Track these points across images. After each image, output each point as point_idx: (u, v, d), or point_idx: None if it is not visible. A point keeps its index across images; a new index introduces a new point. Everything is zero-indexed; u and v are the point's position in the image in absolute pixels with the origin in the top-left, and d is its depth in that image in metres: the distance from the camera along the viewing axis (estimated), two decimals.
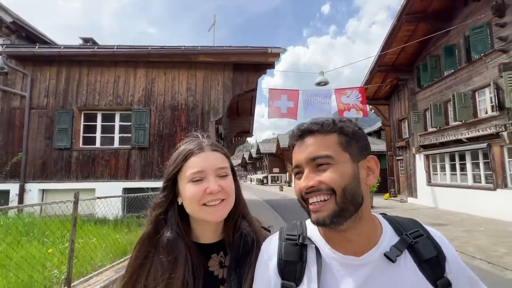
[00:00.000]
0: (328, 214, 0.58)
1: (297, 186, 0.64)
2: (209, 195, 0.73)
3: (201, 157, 0.76)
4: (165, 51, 8.00)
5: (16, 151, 7.81)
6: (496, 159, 9.27)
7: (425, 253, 0.61)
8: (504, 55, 8.79)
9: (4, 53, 7.62)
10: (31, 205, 3.38)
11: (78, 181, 7.87)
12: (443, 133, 11.70)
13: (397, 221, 0.69)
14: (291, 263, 0.65)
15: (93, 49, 7.93)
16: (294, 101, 12.27)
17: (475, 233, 7.48)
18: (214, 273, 0.77)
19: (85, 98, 8.16)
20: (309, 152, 0.62)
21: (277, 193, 28.61)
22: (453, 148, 11.18)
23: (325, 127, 0.63)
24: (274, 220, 10.40)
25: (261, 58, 8.14)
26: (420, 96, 13.60)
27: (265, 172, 54.33)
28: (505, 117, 8.75)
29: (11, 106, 8.01)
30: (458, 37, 10.85)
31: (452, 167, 11.69)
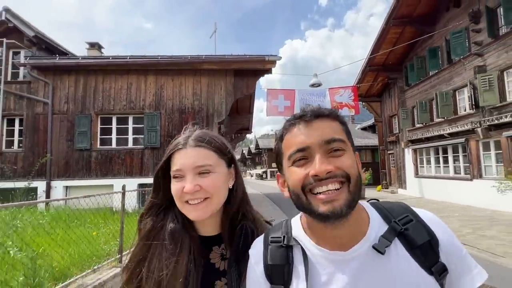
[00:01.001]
0: (344, 203, 0.54)
1: (303, 173, 0.56)
2: (187, 194, 0.71)
3: (181, 154, 0.74)
4: (173, 60, 8.88)
5: (41, 152, 8.73)
6: (472, 152, 10.27)
7: (416, 239, 0.57)
8: (479, 58, 9.71)
9: (28, 64, 8.48)
10: (81, 197, 4.29)
11: (98, 178, 8.82)
12: (428, 128, 12.67)
13: (385, 207, 0.65)
14: (278, 266, 0.62)
15: (108, 60, 8.81)
16: (291, 100, 13.20)
17: (450, 218, 8.51)
18: (216, 265, 0.77)
19: (101, 103, 9.06)
20: (324, 133, 0.57)
21: (276, 187, 29.55)
22: (437, 142, 12.17)
23: (333, 113, 0.61)
24: (274, 211, 11.37)
25: (259, 65, 9.04)
26: (408, 94, 14.54)
27: (264, 167, 55.33)
28: (480, 115, 9.71)
29: (35, 112, 8.90)
30: (440, 40, 11.74)
31: (436, 160, 12.70)
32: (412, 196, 13.97)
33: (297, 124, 0.60)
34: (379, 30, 13.08)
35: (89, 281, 3.06)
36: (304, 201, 0.57)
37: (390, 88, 16.47)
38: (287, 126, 0.63)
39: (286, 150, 0.61)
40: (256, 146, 59.09)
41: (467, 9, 10.09)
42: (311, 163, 0.56)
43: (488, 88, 9.10)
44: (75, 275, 3.06)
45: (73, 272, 3.13)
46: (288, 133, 0.61)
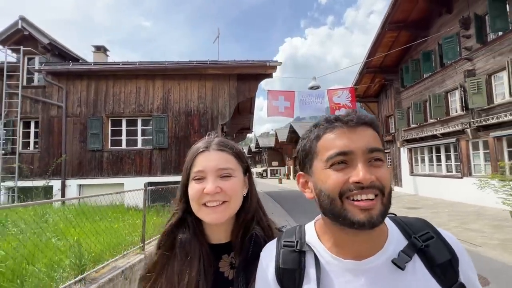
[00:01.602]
0: (379, 213, 0.53)
1: (342, 178, 0.55)
2: (206, 196, 0.72)
3: (204, 156, 0.75)
4: (179, 65, 9.41)
5: (56, 153, 9.28)
6: (463, 151, 10.84)
7: (437, 257, 0.56)
8: (469, 62, 10.25)
9: (44, 70, 9.01)
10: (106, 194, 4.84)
11: (109, 177, 9.38)
12: (423, 129, 13.23)
13: (404, 222, 0.64)
14: (290, 270, 0.62)
15: (118, 65, 9.33)
16: (291, 101, 13.71)
17: (440, 213, 9.09)
18: (225, 274, 0.77)
19: (112, 106, 9.60)
20: (369, 141, 0.56)
21: (276, 185, 30.28)
22: (430, 142, 12.73)
23: (375, 123, 0.60)
24: (274, 208, 11.94)
25: (261, 70, 9.58)
26: (404, 95, 15.08)
27: (264, 165, 55.93)
28: (470, 116, 10.26)
29: (50, 115, 9.45)
30: (434, 44, 12.27)
31: (430, 159, 13.27)
32: (407, 193, 14.55)
33: (340, 127, 0.58)
34: (375, 34, 13.61)
35: (120, 264, 3.63)
36: (338, 207, 0.55)
37: (386, 89, 17.01)
38: (327, 126, 0.60)
39: (323, 150, 0.58)
40: (256, 145, 59.67)
41: (458, 15, 10.61)
42: (351, 169, 0.55)
43: (476, 91, 9.64)
44: (109, 259, 3.62)
45: (106, 257, 3.69)
46: (327, 133, 0.59)
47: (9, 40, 9.37)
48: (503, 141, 9.14)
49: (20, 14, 9.20)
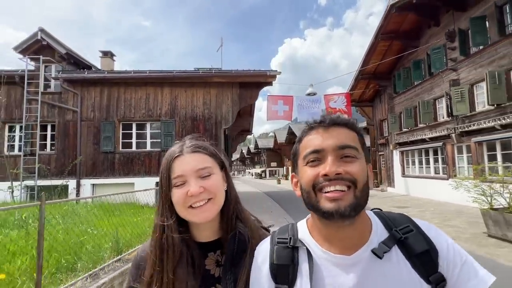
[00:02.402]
0: (348, 203, 0.57)
1: (314, 172, 0.61)
2: (192, 198, 0.73)
3: (180, 160, 0.76)
4: (186, 74, 10.18)
5: (71, 154, 10.02)
6: (449, 155, 11.66)
7: (415, 248, 0.60)
8: (454, 72, 11.07)
9: (61, 77, 9.75)
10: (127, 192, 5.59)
11: (120, 177, 10.12)
12: (413, 133, 14.05)
13: (388, 217, 0.68)
14: (283, 266, 0.65)
15: (130, 74, 10.09)
16: (289, 105, 14.50)
17: (425, 212, 9.90)
18: (211, 271, 0.79)
19: (123, 111, 10.35)
20: (339, 139, 0.61)
21: (275, 186, 31.03)
22: (420, 145, 13.55)
23: (350, 123, 0.65)
24: (273, 207, 12.70)
25: (262, 79, 10.36)
26: (396, 100, 15.91)
27: (263, 166, 56.64)
28: (455, 122, 11.08)
29: (66, 119, 10.19)
30: (423, 54, 13.09)
31: (420, 161, 14.09)
32: (399, 194, 15.36)
33: (316, 128, 0.64)
34: (369, 43, 14.42)
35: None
36: (313, 199, 0.60)
37: (380, 95, 17.83)
38: (306, 130, 0.67)
39: (302, 150, 0.65)
40: (255, 146, 60.38)
41: (444, 28, 11.43)
42: (323, 165, 0.60)
43: (460, 99, 10.46)
44: (137, 245, 4.37)
45: (135, 243, 4.44)
46: (306, 135, 0.66)
47: (28, 50, 10.11)
48: (484, 146, 9.96)
49: (39, 26, 9.95)
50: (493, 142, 9.53)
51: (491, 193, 6.22)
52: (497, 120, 8.89)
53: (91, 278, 3.17)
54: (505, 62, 8.82)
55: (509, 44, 8.71)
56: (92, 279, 3.16)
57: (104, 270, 3.43)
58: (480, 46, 9.79)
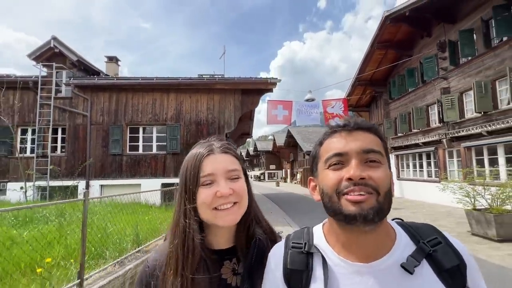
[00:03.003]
0: (371, 207, 0.55)
1: (337, 176, 0.59)
2: (220, 199, 0.71)
3: (210, 159, 0.74)
4: (191, 81, 10.73)
5: (81, 156, 10.51)
6: (440, 159, 12.23)
7: (445, 262, 0.57)
8: (445, 81, 11.69)
9: (72, 83, 10.28)
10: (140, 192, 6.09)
11: (128, 178, 10.61)
12: (407, 137, 14.64)
13: (411, 227, 0.66)
14: (297, 271, 0.63)
15: (138, 81, 10.63)
16: (289, 110, 15.02)
17: (417, 213, 10.44)
18: (227, 280, 0.75)
19: (130, 116, 10.87)
20: (364, 143, 0.60)
21: (273, 188, 31.52)
22: (414, 150, 14.13)
23: (374, 128, 0.64)
24: (273, 208, 13.20)
25: (263, 86, 10.93)
26: (391, 106, 16.52)
27: (262, 168, 57.13)
28: (446, 128, 11.67)
29: (76, 123, 10.70)
30: (416, 63, 13.72)
31: (414, 165, 14.67)
32: (395, 196, 15.90)
33: (339, 132, 0.63)
34: (365, 52, 15.05)
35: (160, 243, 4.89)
36: (335, 203, 0.58)
37: (377, 100, 18.45)
38: (328, 133, 0.65)
39: (324, 153, 0.64)
40: (254, 148, 60.90)
41: (436, 39, 12.07)
42: (347, 168, 0.58)
43: (450, 106, 11.06)
44: (152, 239, 4.87)
45: (150, 238, 4.94)
46: (328, 138, 0.64)
47: (41, 57, 10.64)
48: (472, 151, 10.54)
49: (52, 35, 10.47)
50: (481, 147, 10.11)
51: (474, 195, 6.77)
52: (483, 127, 9.48)
53: (118, 265, 3.68)
54: (491, 73, 9.43)
55: (494, 56, 9.33)
56: (119, 266, 3.67)
57: (128, 258, 3.94)
58: (469, 57, 10.41)
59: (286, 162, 43.92)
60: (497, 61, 9.19)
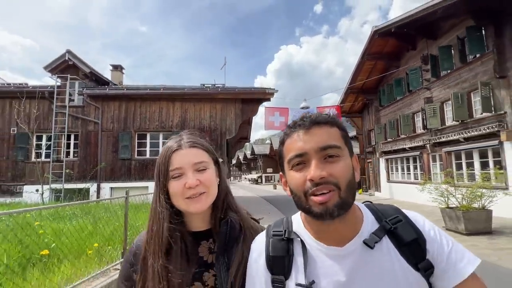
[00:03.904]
0: (335, 204, 0.59)
1: (302, 177, 0.62)
2: (189, 190, 0.77)
3: (178, 154, 0.80)
4: (195, 91, 11.63)
5: (92, 161, 11.31)
6: (425, 162, 13.25)
7: (404, 237, 0.62)
8: (428, 91, 12.74)
9: (85, 93, 11.12)
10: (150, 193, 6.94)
11: (136, 181, 11.42)
12: (396, 142, 15.66)
13: (378, 209, 0.70)
14: (279, 258, 0.68)
15: (146, 91, 11.51)
16: (285, 116, 15.98)
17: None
18: (204, 258, 0.82)
19: (139, 123, 11.72)
20: (321, 141, 0.62)
21: (271, 191, 32.36)
22: (402, 154, 15.15)
23: (330, 120, 0.65)
24: (270, 209, 14.03)
25: (261, 96, 11.87)
26: (382, 113, 17.58)
27: (259, 172, 57.89)
28: (429, 134, 12.71)
29: (88, 129, 11.52)
30: (403, 74, 14.80)
31: (402, 168, 15.68)
32: (385, 198, 16.89)
33: (297, 130, 0.65)
34: (356, 63, 16.12)
35: None
36: (304, 203, 0.62)
37: (368, 107, 19.52)
38: (288, 132, 0.68)
39: (286, 154, 0.66)
40: (251, 152, 61.61)
41: (420, 52, 13.15)
42: (308, 168, 0.61)
43: (433, 114, 12.10)
44: None
45: None
46: (288, 138, 0.67)
47: (56, 69, 11.47)
48: (452, 155, 11.56)
49: (67, 48, 11.33)
50: (459, 152, 11.13)
51: (447, 194, 7.74)
52: (461, 134, 10.51)
53: None
54: (466, 85, 10.48)
55: (469, 71, 10.39)
56: None
57: None
58: (448, 70, 11.47)
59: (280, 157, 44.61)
60: (471, 75, 10.25)
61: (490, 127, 9.17)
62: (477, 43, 9.74)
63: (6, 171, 11.05)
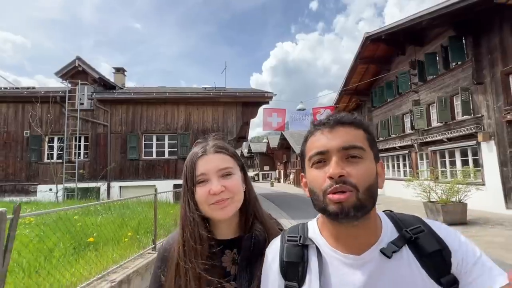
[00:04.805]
0: (351, 205, 0.57)
1: (321, 175, 0.61)
2: (213, 196, 0.77)
3: (203, 160, 0.81)
4: (199, 95, 12.38)
5: (102, 162, 12.01)
6: (413, 161, 14.21)
7: (426, 248, 0.60)
8: (415, 94, 13.67)
9: (95, 98, 11.79)
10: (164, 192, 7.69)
11: (144, 180, 12.16)
12: (387, 142, 16.62)
13: (398, 218, 0.68)
14: (293, 264, 0.66)
15: (152, 95, 12.22)
16: (282, 117, 16.78)
17: (393, 207, 12.30)
18: (227, 268, 0.81)
19: (145, 125, 12.44)
20: (344, 140, 0.61)
21: (268, 188, 33.26)
22: (392, 153, 16.11)
23: (356, 121, 0.64)
24: (268, 205, 14.89)
25: (261, 99, 12.67)
26: (374, 113, 18.52)
27: (256, 169, 58.79)
28: (417, 134, 13.65)
29: (97, 132, 12.20)
30: (393, 77, 15.71)
31: (392, 166, 16.66)
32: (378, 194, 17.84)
33: (321, 129, 0.64)
34: (350, 67, 16.99)
35: None
36: (321, 201, 0.60)
37: (362, 108, 20.44)
38: (312, 130, 0.67)
39: (308, 151, 0.65)
40: (248, 150, 62.41)
41: (408, 57, 14.04)
42: (328, 167, 0.60)
43: (420, 116, 13.03)
44: None
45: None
46: (311, 136, 0.66)
47: (67, 74, 12.10)
48: (437, 154, 12.52)
49: (77, 55, 11.96)
50: (443, 151, 12.09)
51: (429, 190, 8.66)
52: (444, 134, 11.45)
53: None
54: (449, 90, 11.41)
55: (451, 76, 11.32)
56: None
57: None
58: (433, 75, 12.39)
59: (280, 163, 45.69)
60: (454, 81, 11.18)
61: (469, 129, 10.11)
62: (458, 52, 10.66)
63: (21, 171, 11.70)
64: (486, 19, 9.39)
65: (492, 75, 9.43)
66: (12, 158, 11.64)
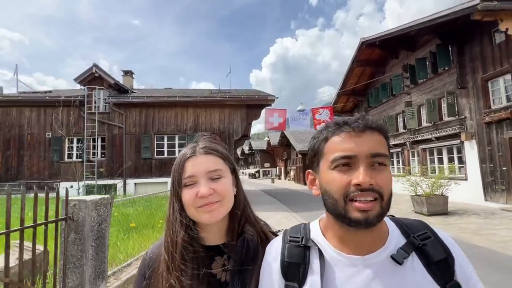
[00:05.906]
0: (376, 214, 0.57)
1: (345, 180, 0.58)
2: (201, 199, 0.73)
3: (192, 161, 0.77)
4: (207, 98, 13.39)
5: (118, 160, 13.05)
6: (406, 158, 15.26)
7: (433, 255, 0.60)
8: (407, 96, 14.67)
9: (111, 102, 12.80)
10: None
11: (156, 177, 13.22)
12: None
13: (404, 223, 0.68)
14: (294, 264, 0.65)
15: (163, 99, 13.23)
16: (283, 117, 17.78)
17: None
18: (217, 276, 0.77)
19: (157, 127, 13.46)
20: (373, 147, 0.59)
21: (269, 184, 34.36)
22: None
23: (381, 127, 0.63)
24: (271, 200, 15.97)
25: (264, 102, 13.69)
26: (370, 113, 19.50)
27: (257, 166, 59.79)
28: (408, 134, 14.68)
29: (113, 133, 13.23)
30: (388, 79, 16.70)
31: None
32: None
33: (347, 130, 0.61)
34: (347, 69, 17.97)
35: None
36: (341, 207, 0.58)
37: (359, 107, 21.44)
38: (334, 130, 0.63)
39: (329, 152, 0.62)
40: (249, 147, 63.36)
41: (401, 61, 15.02)
42: (354, 171, 0.58)
43: (411, 116, 14.04)
44: None
45: None
46: (335, 136, 0.62)
47: (84, 80, 13.09)
48: (427, 152, 13.56)
49: (94, 62, 12.95)
50: (432, 149, 13.13)
51: (415, 184, 9.72)
52: (433, 134, 12.48)
53: None
54: (437, 93, 12.42)
55: (439, 80, 12.31)
56: None
57: None
58: (423, 79, 13.38)
59: (280, 160, 46.70)
60: (441, 84, 12.18)
61: (454, 129, 11.14)
62: (444, 58, 11.64)
63: (44, 170, 12.74)
64: (468, 31, 10.36)
65: (474, 80, 10.44)
66: (36, 158, 12.69)
